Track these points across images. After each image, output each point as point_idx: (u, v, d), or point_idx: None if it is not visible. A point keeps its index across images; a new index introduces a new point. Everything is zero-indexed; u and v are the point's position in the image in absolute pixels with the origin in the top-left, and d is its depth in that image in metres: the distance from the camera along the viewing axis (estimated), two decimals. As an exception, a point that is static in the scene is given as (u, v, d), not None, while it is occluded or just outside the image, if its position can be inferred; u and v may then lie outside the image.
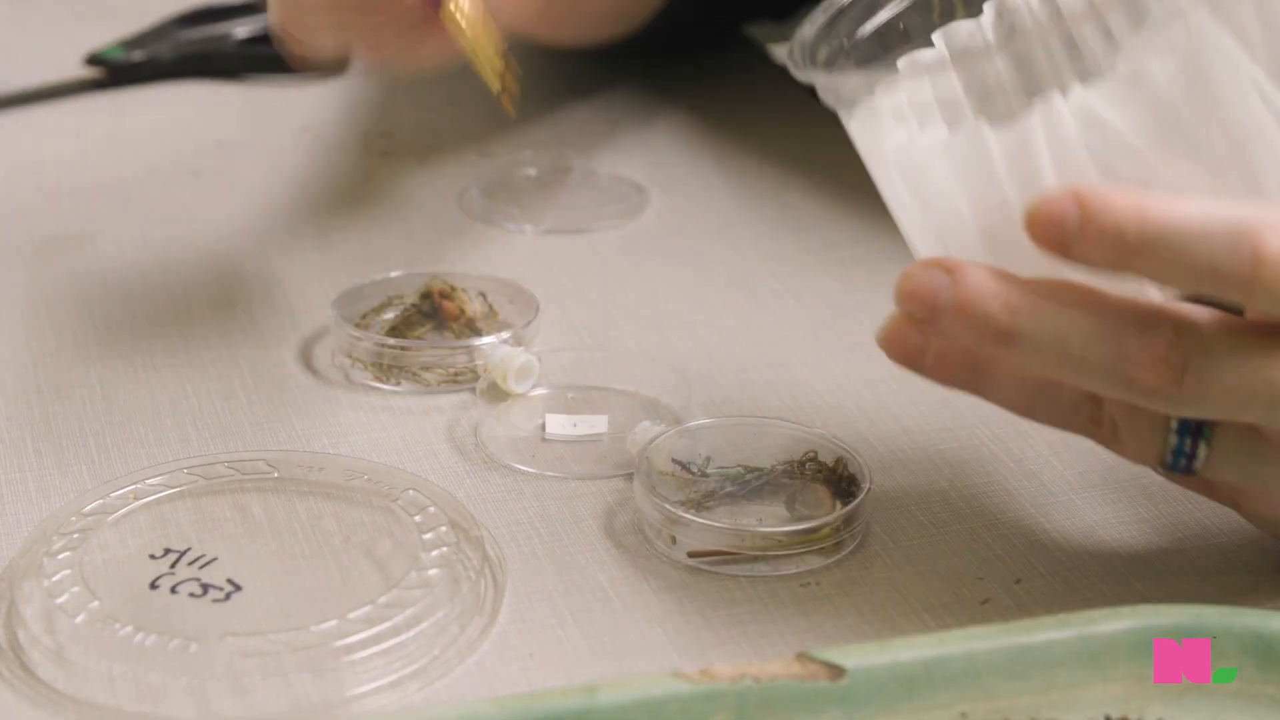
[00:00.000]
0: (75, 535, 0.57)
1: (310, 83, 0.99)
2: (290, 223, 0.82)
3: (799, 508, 0.59)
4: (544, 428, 0.65)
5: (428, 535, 0.57)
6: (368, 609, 0.53)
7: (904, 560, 0.58)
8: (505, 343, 0.68)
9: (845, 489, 0.59)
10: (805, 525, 0.57)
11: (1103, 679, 0.50)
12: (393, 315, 0.71)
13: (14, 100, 0.96)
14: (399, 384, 0.68)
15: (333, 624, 0.53)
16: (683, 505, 0.58)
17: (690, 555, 0.57)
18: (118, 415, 0.66)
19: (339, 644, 0.52)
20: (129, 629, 0.52)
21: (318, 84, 0.99)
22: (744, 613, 0.55)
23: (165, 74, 1.00)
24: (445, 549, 0.56)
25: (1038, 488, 0.61)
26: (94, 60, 1.00)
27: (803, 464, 0.61)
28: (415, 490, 0.59)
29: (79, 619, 0.53)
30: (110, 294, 0.75)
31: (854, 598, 0.56)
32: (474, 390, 0.67)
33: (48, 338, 0.72)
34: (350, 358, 0.69)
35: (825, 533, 0.57)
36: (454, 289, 0.72)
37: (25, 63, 1.01)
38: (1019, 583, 0.56)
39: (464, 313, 0.71)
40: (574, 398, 0.67)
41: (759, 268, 0.78)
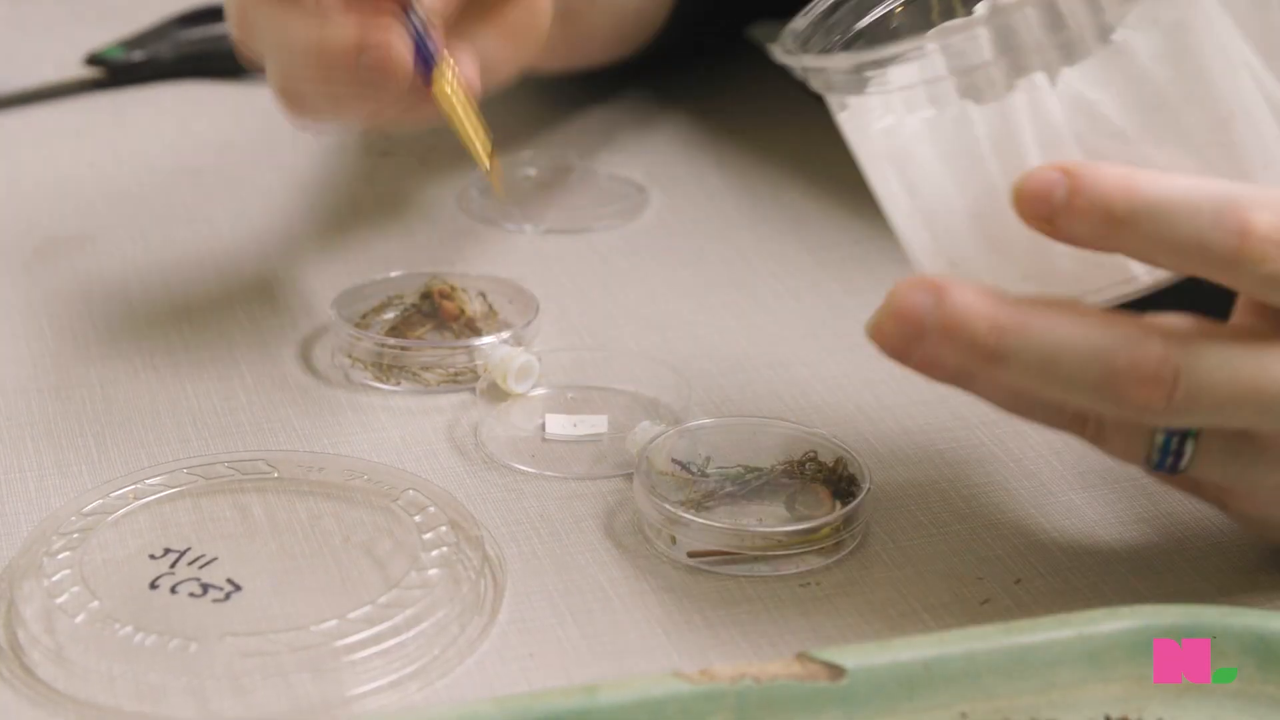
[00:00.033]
0: (75, 535, 0.57)
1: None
2: (290, 223, 0.82)
3: (799, 508, 0.59)
4: (544, 428, 0.65)
5: (428, 535, 0.57)
6: (368, 609, 0.53)
7: (904, 560, 0.58)
8: (505, 343, 0.68)
9: (845, 489, 0.59)
10: (805, 525, 0.57)
11: (1102, 679, 0.50)
12: (393, 315, 0.71)
13: (14, 100, 0.96)
14: (399, 384, 0.68)
15: (333, 624, 0.53)
16: (683, 505, 0.58)
17: (690, 555, 0.57)
18: (117, 415, 0.66)
19: (339, 644, 0.52)
20: (129, 629, 0.52)
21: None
22: (744, 613, 0.55)
23: (165, 74, 1.00)
24: (445, 549, 0.56)
25: (1037, 487, 0.61)
26: (94, 60, 1.00)
27: (802, 464, 0.61)
28: (415, 490, 0.59)
29: (79, 619, 0.53)
30: (110, 294, 0.75)
31: (854, 598, 0.56)
32: (474, 390, 0.67)
33: (48, 338, 0.71)
34: (350, 358, 0.69)
35: (825, 533, 0.57)
36: (454, 289, 0.72)
37: (25, 63, 1.01)
38: (1019, 583, 0.56)
39: (464, 313, 0.71)
40: (574, 398, 0.67)
41: (759, 268, 0.78)
